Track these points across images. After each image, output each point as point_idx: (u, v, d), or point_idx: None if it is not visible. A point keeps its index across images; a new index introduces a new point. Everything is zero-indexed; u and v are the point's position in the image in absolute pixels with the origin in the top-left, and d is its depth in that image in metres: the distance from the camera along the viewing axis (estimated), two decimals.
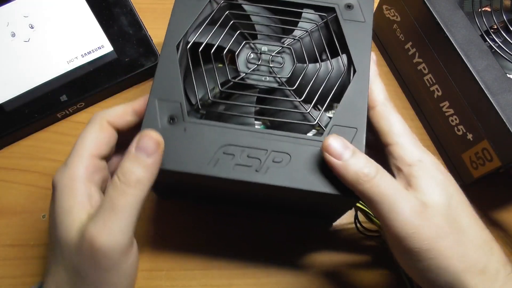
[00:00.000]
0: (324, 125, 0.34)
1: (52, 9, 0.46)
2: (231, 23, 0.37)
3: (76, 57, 0.45)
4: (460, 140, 0.42)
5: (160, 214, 0.44)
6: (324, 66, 0.36)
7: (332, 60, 0.36)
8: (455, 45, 0.39)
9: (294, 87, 0.35)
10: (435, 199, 0.30)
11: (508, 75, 0.38)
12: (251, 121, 0.35)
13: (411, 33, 0.44)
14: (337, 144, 0.30)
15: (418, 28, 0.42)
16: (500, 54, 0.39)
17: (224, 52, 0.36)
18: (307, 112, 0.34)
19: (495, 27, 0.41)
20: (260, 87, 0.36)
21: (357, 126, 0.33)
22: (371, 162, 0.30)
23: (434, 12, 0.40)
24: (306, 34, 0.37)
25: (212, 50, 0.36)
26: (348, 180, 0.30)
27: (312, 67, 0.36)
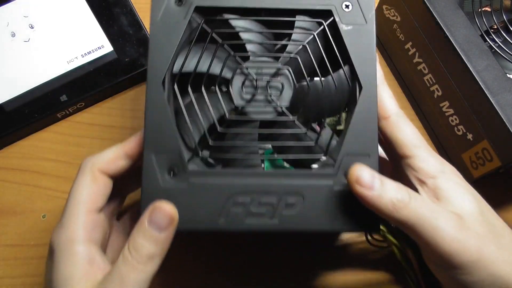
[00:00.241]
0: (331, 150, 0.32)
1: (52, 9, 0.46)
2: (219, 45, 0.32)
3: (76, 57, 0.45)
4: (460, 140, 0.42)
5: None
6: (326, 81, 0.33)
7: (334, 74, 0.32)
8: (455, 45, 0.39)
9: (297, 117, 0.32)
10: (468, 208, 0.30)
11: (508, 75, 0.38)
12: (257, 161, 0.33)
13: (411, 33, 0.44)
14: (367, 175, 0.29)
15: (418, 28, 0.42)
16: (500, 54, 0.39)
17: (217, 82, 0.32)
18: (315, 144, 0.32)
19: (495, 27, 0.41)
20: (259, 119, 0.33)
21: (369, 152, 0.31)
22: (400, 186, 0.29)
23: (434, 12, 0.40)
24: (303, 48, 0.33)
25: (202, 84, 0.32)
26: (383, 210, 0.28)
27: (313, 87, 0.33)
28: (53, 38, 0.45)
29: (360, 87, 0.32)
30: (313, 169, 0.32)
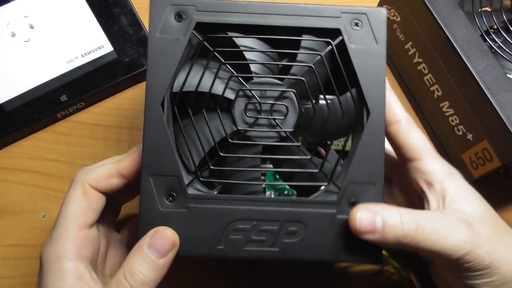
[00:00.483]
0: (336, 176, 0.31)
1: (52, 9, 0.46)
2: (220, 64, 0.30)
3: (76, 57, 0.45)
4: (460, 140, 0.42)
5: None
6: (332, 105, 0.32)
7: (341, 98, 0.31)
8: (455, 45, 0.39)
9: (301, 142, 0.31)
10: (475, 212, 0.30)
11: (508, 75, 0.38)
12: (258, 188, 0.32)
13: (411, 33, 0.44)
14: (366, 221, 0.28)
15: (418, 28, 0.42)
16: (500, 54, 0.39)
17: (218, 105, 0.31)
18: (319, 171, 0.31)
19: (495, 27, 0.41)
20: (262, 144, 0.32)
21: (375, 181, 0.30)
22: (404, 214, 0.28)
23: (434, 12, 0.40)
24: (309, 70, 0.31)
25: (203, 106, 0.31)
26: (392, 246, 0.28)
27: (318, 111, 0.32)
28: (53, 38, 0.45)
29: (367, 112, 0.31)
30: (316, 196, 0.31)
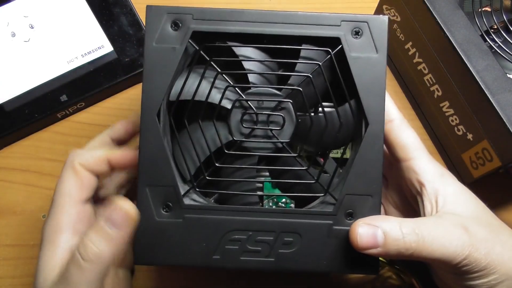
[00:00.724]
0: (333, 186, 0.31)
1: (52, 9, 0.46)
2: (217, 74, 0.30)
3: (76, 57, 0.45)
4: (460, 140, 0.42)
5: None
6: (330, 115, 0.31)
7: (339, 109, 0.31)
8: (455, 45, 0.39)
9: (298, 153, 0.31)
10: (469, 213, 0.31)
11: (508, 75, 0.38)
12: (254, 198, 0.32)
13: (411, 33, 0.44)
14: (366, 237, 0.28)
15: (418, 28, 0.42)
16: (500, 54, 0.39)
17: (215, 116, 0.30)
18: (315, 181, 0.31)
19: (495, 27, 0.41)
20: (258, 154, 0.31)
21: (372, 193, 0.30)
22: (404, 226, 0.28)
23: (434, 12, 0.40)
24: (306, 80, 0.31)
25: (199, 116, 0.30)
26: (393, 257, 0.29)
27: (316, 122, 0.31)
28: (53, 38, 0.45)
29: (366, 123, 0.30)
30: (312, 207, 0.31)
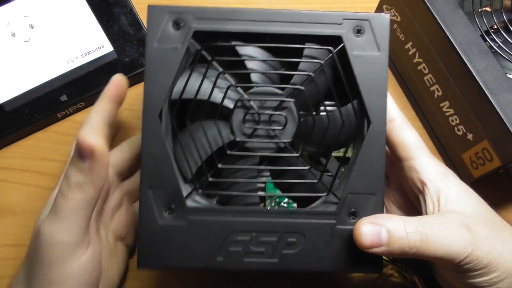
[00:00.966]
0: (336, 185, 0.31)
1: (52, 9, 0.46)
2: (219, 74, 0.30)
3: (76, 57, 0.45)
4: (460, 140, 0.42)
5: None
6: (332, 115, 0.31)
7: (341, 108, 0.30)
8: (455, 45, 0.39)
9: (300, 153, 0.31)
10: (471, 211, 0.31)
11: (508, 75, 0.38)
12: (257, 199, 0.32)
13: (411, 33, 0.44)
14: (370, 235, 0.28)
15: (418, 28, 0.42)
16: (500, 54, 0.39)
17: (217, 116, 0.30)
18: (318, 181, 0.31)
19: (495, 27, 0.41)
20: (260, 155, 0.31)
21: (374, 192, 0.30)
22: (407, 224, 0.29)
23: (434, 12, 0.40)
24: (308, 79, 0.31)
25: (202, 116, 0.30)
26: (396, 256, 0.29)
27: (318, 121, 0.31)
28: (53, 38, 0.45)
29: (368, 122, 0.30)
30: (315, 207, 0.31)
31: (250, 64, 0.31)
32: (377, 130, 0.30)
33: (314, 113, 0.32)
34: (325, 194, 0.31)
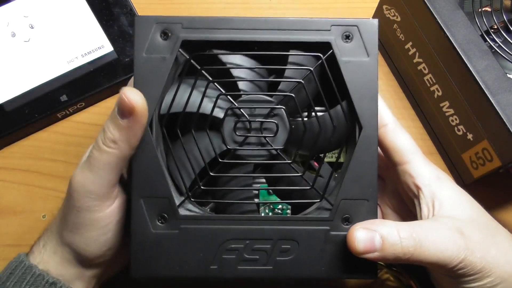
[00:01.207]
0: (329, 191, 0.31)
1: (52, 9, 0.46)
2: (208, 83, 0.30)
3: (76, 57, 0.45)
4: (460, 140, 0.42)
5: None
6: (323, 120, 0.31)
7: (332, 113, 0.30)
8: (455, 45, 0.39)
9: (292, 159, 0.31)
10: (465, 216, 0.31)
11: (508, 75, 0.38)
12: (250, 206, 0.32)
13: (411, 33, 0.44)
14: (363, 241, 0.28)
15: (418, 28, 0.42)
16: (500, 54, 0.39)
17: (207, 125, 0.30)
18: (311, 187, 0.31)
19: (495, 27, 0.41)
20: (252, 162, 0.31)
21: (368, 197, 0.30)
22: (401, 230, 0.28)
23: (434, 12, 0.40)
24: (298, 86, 0.31)
25: (192, 126, 0.30)
26: (390, 262, 0.29)
27: (309, 126, 0.31)
28: (53, 38, 0.45)
29: (360, 127, 0.30)
30: (308, 213, 0.31)
31: (239, 72, 0.31)
32: (369, 135, 0.30)
33: (306, 118, 0.32)
34: (318, 200, 0.31)
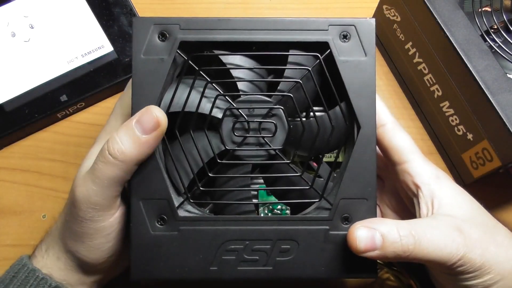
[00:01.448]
0: (328, 190, 0.31)
1: (52, 9, 0.46)
2: (206, 83, 0.30)
3: (76, 57, 0.45)
4: (460, 140, 0.42)
5: None
6: (321, 120, 0.31)
7: (330, 113, 0.31)
8: (455, 45, 0.39)
9: (291, 159, 0.31)
10: (464, 214, 0.31)
11: (508, 75, 0.38)
12: (250, 207, 0.32)
13: (411, 33, 0.44)
14: (365, 239, 0.28)
15: (418, 28, 0.42)
16: (500, 54, 0.39)
17: (206, 126, 0.30)
18: (310, 187, 0.31)
19: (495, 27, 0.41)
20: (251, 162, 0.31)
21: (367, 196, 0.30)
22: (401, 228, 0.29)
23: (434, 12, 0.40)
24: (296, 85, 0.31)
25: (191, 126, 0.30)
26: (389, 260, 0.29)
27: (308, 127, 0.31)
28: (53, 38, 0.45)
29: (358, 127, 0.30)
30: (307, 213, 0.31)
31: (237, 73, 0.31)
32: (367, 135, 0.30)
33: (304, 118, 0.32)
34: (317, 200, 0.31)
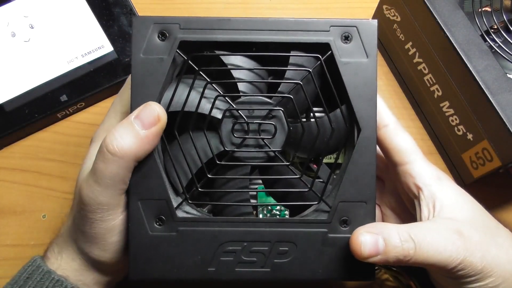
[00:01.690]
0: (327, 193, 0.31)
1: (52, 9, 0.46)
2: (206, 84, 0.30)
3: (76, 57, 0.45)
4: (460, 140, 0.42)
5: None
6: (321, 122, 0.31)
7: (330, 115, 0.30)
8: (455, 45, 0.39)
9: (290, 161, 0.31)
10: (465, 217, 0.31)
11: (508, 75, 0.38)
12: (248, 208, 0.32)
13: (411, 33, 0.44)
14: (369, 244, 0.28)
15: (418, 28, 0.42)
16: (500, 54, 0.39)
17: (205, 126, 0.30)
18: (309, 190, 0.30)
19: (495, 27, 0.41)
20: (250, 164, 0.31)
21: (366, 199, 0.30)
22: (402, 232, 0.29)
23: (434, 12, 0.40)
24: (297, 87, 0.30)
25: (190, 127, 0.30)
26: (390, 264, 0.29)
27: (308, 129, 0.31)
28: (53, 38, 0.45)
29: (358, 129, 0.30)
30: (306, 215, 0.31)
31: (237, 73, 0.31)
32: (367, 137, 0.30)
33: (304, 120, 0.31)
34: (316, 203, 0.31)
